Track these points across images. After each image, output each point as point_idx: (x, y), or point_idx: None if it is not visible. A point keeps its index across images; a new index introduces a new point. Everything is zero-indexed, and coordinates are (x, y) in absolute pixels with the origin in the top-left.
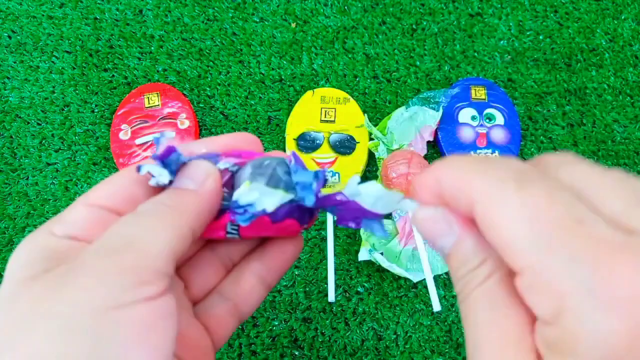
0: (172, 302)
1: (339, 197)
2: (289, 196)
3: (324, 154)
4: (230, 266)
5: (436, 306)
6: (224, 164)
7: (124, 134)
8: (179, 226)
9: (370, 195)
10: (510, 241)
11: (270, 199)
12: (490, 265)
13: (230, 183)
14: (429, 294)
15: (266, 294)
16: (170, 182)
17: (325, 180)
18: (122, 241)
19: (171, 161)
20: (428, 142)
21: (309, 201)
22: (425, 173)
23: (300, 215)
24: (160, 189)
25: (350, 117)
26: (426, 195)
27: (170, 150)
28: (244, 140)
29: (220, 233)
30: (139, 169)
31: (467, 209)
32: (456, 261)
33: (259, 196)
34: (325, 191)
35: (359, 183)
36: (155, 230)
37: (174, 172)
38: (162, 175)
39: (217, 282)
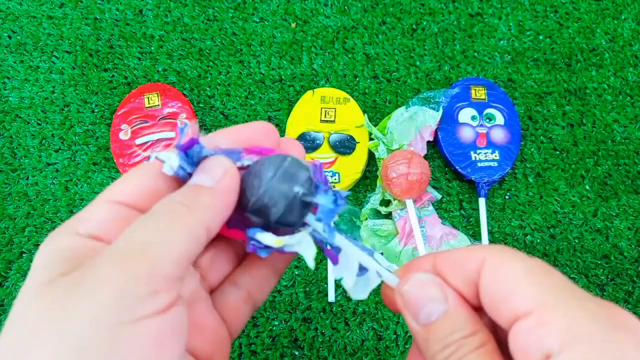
0: (183, 311)
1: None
2: (308, 237)
3: (324, 154)
4: (242, 254)
5: None
6: (247, 160)
7: (124, 134)
8: (193, 227)
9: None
10: (524, 284)
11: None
12: (483, 335)
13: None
14: None
15: (277, 281)
16: (190, 174)
17: (344, 203)
18: (135, 246)
19: (193, 153)
20: (428, 142)
21: (330, 239)
22: (414, 262)
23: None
24: (182, 181)
25: (350, 117)
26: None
27: (193, 141)
28: (261, 130)
29: (233, 237)
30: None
31: (471, 271)
32: (448, 327)
33: (285, 245)
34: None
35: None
36: (169, 233)
37: (195, 164)
38: (171, 159)
39: (231, 271)
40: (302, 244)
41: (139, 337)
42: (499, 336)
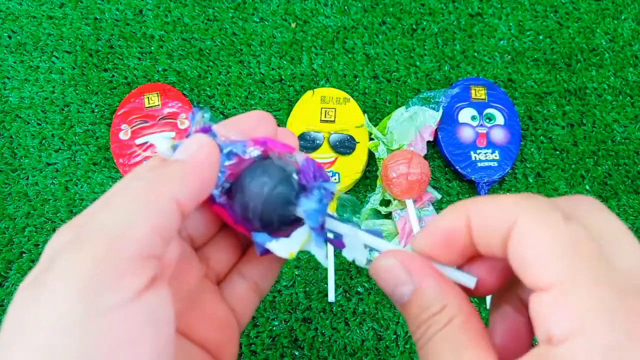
0: (164, 295)
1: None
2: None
3: (324, 154)
4: (246, 245)
5: None
6: (253, 151)
7: (124, 134)
8: (156, 201)
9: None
10: (549, 257)
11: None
12: (451, 310)
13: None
14: None
15: (280, 268)
16: None
17: (331, 197)
18: (96, 230)
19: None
20: (428, 142)
21: (316, 231)
22: (455, 207)
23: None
24: None
25: (350, 117)
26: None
27: (206, 129)
28: (261, 118)
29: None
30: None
31: (502, 231)
32: (416, 307)
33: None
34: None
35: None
36: (128, 210)
37: None
38: (160, 143)
39: (237, 261)
40: (311, 245)
41: (109, 329)
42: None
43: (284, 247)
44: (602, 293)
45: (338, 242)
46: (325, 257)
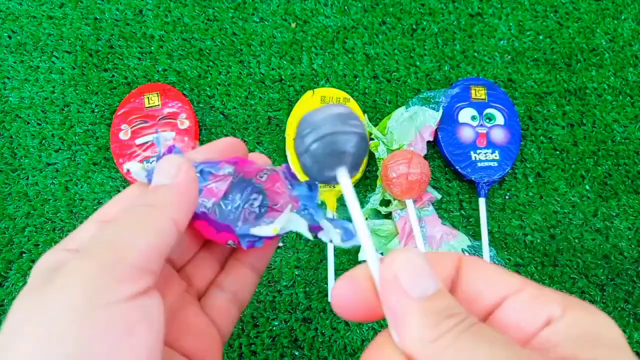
0: (156, 300)
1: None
2: (303, 223)
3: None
4: (223, 261)
5: None
6: (224, 169)
7: (124, 134)
8: (158, 222)
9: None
10: (505, 275)
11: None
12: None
13: (229, 189)
14: None
15: (258, 279)
16: None
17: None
18: (101, 244)
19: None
20: (428, 142)
21: (319, 218)
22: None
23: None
24: None
25: None
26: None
27: (171, 149)
28: (232, 145)
29: (221, 242)
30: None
31: (449, 269)
32: (445, 302)
33: (281, 229)
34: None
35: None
36: (134, 231)
37: None
38: (134, 167)
39: (214, 277)
40: (292, 222)
41: (107, 320)
42: None
43: (266, 227)
44: (548, 292)
45: (316, 227)
46: (308, 229)
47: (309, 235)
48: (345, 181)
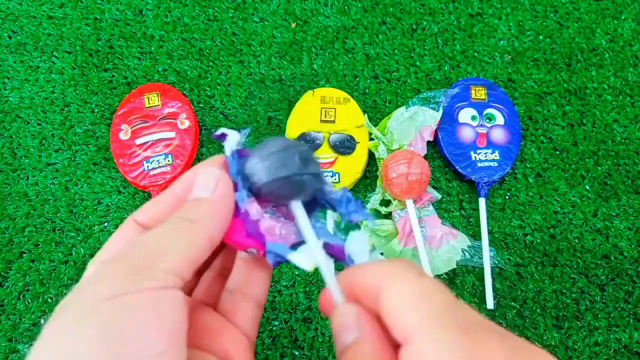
0: (179, 294)
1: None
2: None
3: (324, 154)
4: (225, 272)
5: None
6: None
7: (124, 134)
8: (195, 237)
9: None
10: (405, 311)
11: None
12: None
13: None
14: None
15: (269, 273)
16: (238, 175)
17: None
18: (137, 250)
19: (243, 162)
20: (428, 142)
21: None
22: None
23: None
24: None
25: (350, 117)
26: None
27: (244, 152)
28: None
29: (240, 247)
30: (221, 135)
31: (374, 294)
32: (357, 354)
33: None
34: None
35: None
36: (170, 240)
37: (239, 173)
38: (234, 137)
39: (220, 292)
40: (322, 263)
41: (137, 302)
42: None
43: (306, 260)
44: (450, 336)
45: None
46: (333, 276)
47: (328, 279)
48: (299, 212)
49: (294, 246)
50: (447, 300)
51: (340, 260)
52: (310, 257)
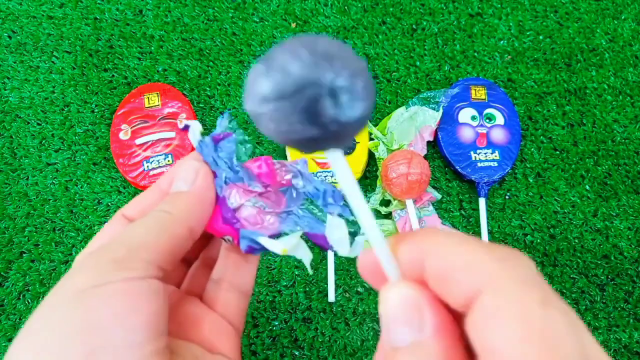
0: (158, 284)
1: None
2: (299, 238)
3: (324, 154)
4: (212, 262)
5: None
6: (255, 186)
7: (124, 134)
8: (173, 228)
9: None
10: (516, 354)
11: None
12: None
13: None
14: None
15: (254, 263)
16: (215, 162)
17: None
18: (118, 243)
19: (224, 147)
20: (428, 142)
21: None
22: (406, 238)
23: None
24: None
25: None
26: (404, 267)
27: (227, 135)
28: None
29: (217, 233)
30: (185, 126)
31: (462, 293)
32: (408, 356)
33: (289, 251)
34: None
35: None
36: (149, 232)
37: (226, 162)
38: (196, 126)
39: (206, 282)
40: (300, 250)
41: (115, 293)
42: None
43: (277, 243)
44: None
45: (322, 242)
46: (309, 263)
47: (309, 269)
48: (337, 166)
49: (275, 237)
50: (581, 354)
51: (325, 249)
52: (283, 242)
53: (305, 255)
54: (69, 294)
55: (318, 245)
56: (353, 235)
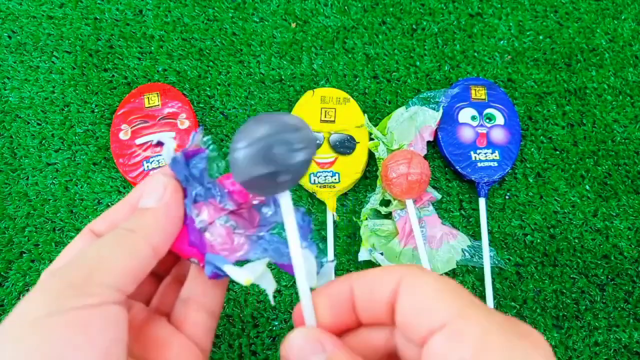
0: (116, 309)
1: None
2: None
3: (324, 154)
4: (183, 278)
5: None
6: (227, 204)
7: (124, 134)
8: (135, 247)
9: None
10: (440, 298)
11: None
12: None
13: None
14: None
15: (224, 283)
16: (187, 178)
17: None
18: (77, 264)
19: (195, 164)
20: (428, 142)
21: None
22: (332, 284)
23: None
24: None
25: (350, 117)
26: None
27: (198, 151)
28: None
29: (184, 255)
30: (159, 142)
31: (387, 292)
32: None
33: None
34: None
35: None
36: (111, 253)
37: (196, 178)
38: (168, 149)
39: (176, 299)
40: (265, 279)
41: (68, 322)
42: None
43: (241, 273)
44: (492, 318)
45: (289, 268)
46: (273, 294)
47: (272, 300)
48: (284, 207)
49: (241, 262)
50: (473, 296)
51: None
52: (247, 271)
53: (270, 286)
54: (25, 322)
55: (285, 271)
56: (320, 266)
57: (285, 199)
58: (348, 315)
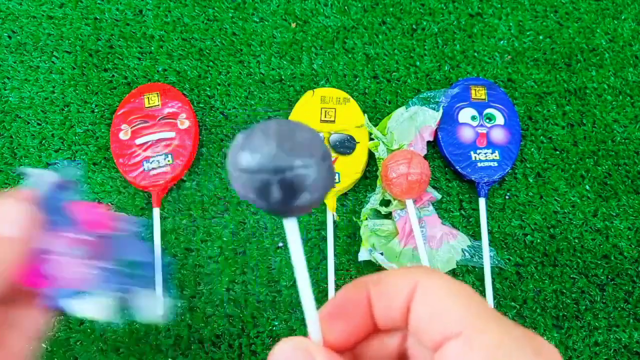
0: None
1: None
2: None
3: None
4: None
5: None
6: (78, 232)
7: (124, 134)
8: None
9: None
10: (453, 309)
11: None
12: None
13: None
14: None
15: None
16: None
17: None
18: None
19: (53, 200)
20: (428, 142)
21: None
22: (347, 291)
23: None
24: None
25: (350, 117)
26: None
27: (64, 183)
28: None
29: (29, 283)
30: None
31: (403, 296)
32: None
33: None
34: None
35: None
36: None
37: (57, 210)
38: (42, 182)
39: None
40: (103, 311)
41: None
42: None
43: (77, 306)
44: (508, 330)
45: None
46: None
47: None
48: (290, 233)
49: (83, 293)
50: (488, 304)
51: None
52: (94, 306)
53: (109, 317)
54: None
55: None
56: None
57: (290, 223)
58: (364, 322)
